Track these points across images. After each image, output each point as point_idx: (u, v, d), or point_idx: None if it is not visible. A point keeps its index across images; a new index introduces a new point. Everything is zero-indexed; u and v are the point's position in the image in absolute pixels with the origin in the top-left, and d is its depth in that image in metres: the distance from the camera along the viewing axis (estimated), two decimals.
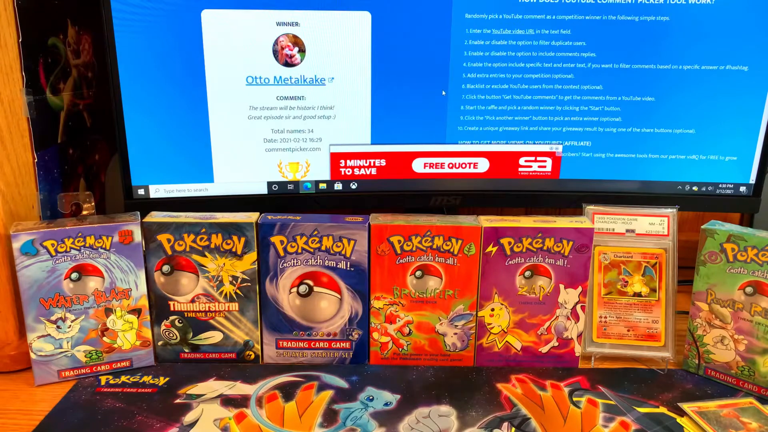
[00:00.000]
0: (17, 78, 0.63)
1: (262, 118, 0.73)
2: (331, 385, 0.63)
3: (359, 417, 0.58)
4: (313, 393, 0.62)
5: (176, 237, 0.64)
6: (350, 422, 0.57)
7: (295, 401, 0.60)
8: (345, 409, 0.59)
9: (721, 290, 0.65)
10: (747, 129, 0.75)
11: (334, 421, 0.57)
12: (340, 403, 0.60)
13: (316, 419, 0.57)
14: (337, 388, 0.63)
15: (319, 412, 0.58)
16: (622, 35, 0.72)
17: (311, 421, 0.57)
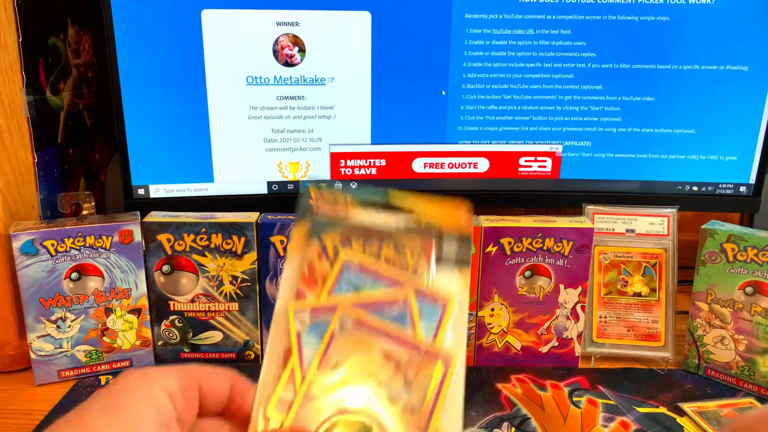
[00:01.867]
0: (17, 78, 0.63)
1: (262, 117, 0.73)
2: None
3: None
4: None
5: (176, 237, 0.64)
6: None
7: None
8: None
9: (721, 290, 0.65)
10: (747, 129, 0.75)
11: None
12: None
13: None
14: None
15: None
16: (622, 35, 0.72)
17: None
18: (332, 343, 0.34)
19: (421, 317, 0.35)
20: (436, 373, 0.34)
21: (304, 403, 0.33)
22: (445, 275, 0.37)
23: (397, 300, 0.36)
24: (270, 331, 0.34)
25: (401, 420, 0.33)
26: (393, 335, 0.35)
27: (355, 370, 0.34)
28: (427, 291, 0.36)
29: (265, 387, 0.33)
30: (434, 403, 0.34)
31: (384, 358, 0.34)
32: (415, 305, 0.36)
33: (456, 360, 0.34)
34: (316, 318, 0.35)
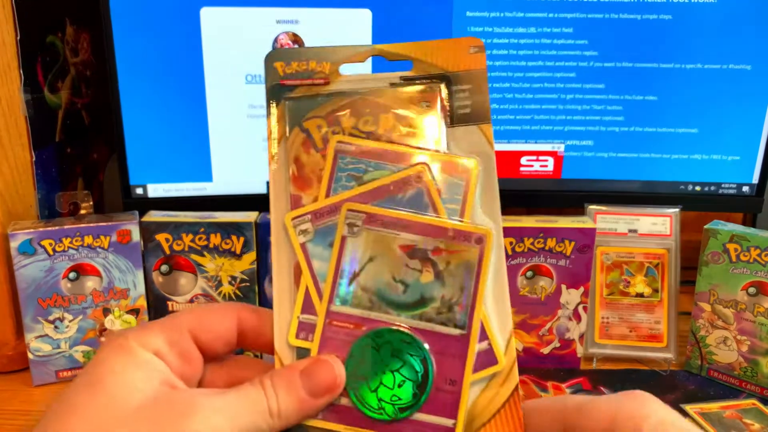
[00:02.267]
0: (15, 76, 0.63)
1: (262, 116, 0.72)
2: None
3: None
4: None
5: (175, 236, 0.63)
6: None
7: None
8: None
9: (723, 291, 0.64)
10: (750, 128, 0.74)
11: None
12: None
13: None
14: None
15: None
16: (625, 34, 0.71)
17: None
18: (344, 249, 0.29)
19: (442, 194, 0.30)
20: (470, 256, 0.29)
21: (328, 323, 0.29)
22: (464, 136, 0.30)
23: (409, 181, 0.29)
24: (272, 253, 0.30)
25: (439, 319, 0.29)
26: (412, 224, 0.29)
27: (376, 274, 0.29)
28: (442, 161, 0.30)
29: (282, 315, 0.29)
30: (474, 292, 0.29)
31: (407, 254, 0.29)
32: (431, 182, 0.30)
33: (491, 236, 0.29)
34: (320, 223, 0.29)
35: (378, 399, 0.29)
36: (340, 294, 0.29)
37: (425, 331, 0.29)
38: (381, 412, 0.29)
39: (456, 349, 0.29)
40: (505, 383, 0.29)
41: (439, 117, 0.30)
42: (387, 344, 0.29)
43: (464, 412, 0.28)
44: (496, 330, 0.29)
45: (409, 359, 0.29)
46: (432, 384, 0.29)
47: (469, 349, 0.29)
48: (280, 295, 0.30)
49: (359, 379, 0.29)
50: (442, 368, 0.29)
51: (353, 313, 0.29)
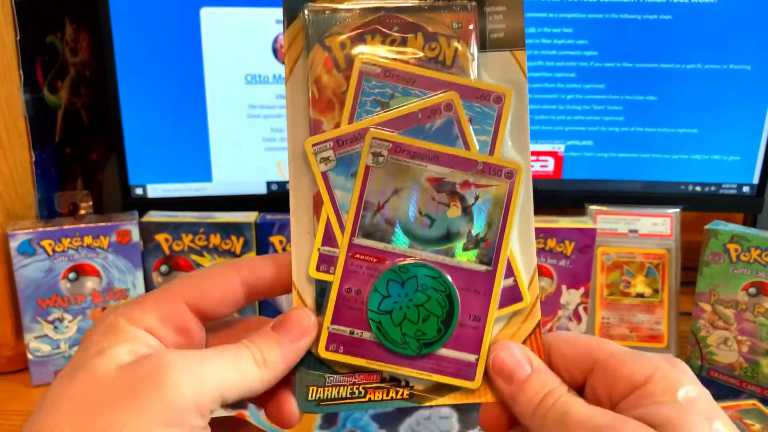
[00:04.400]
0: (15, 76, 0.63)
1: (261, 117, 0.72)
2: None
3: (359, 419, 0.57)
4: None
5: (174, 237, 0.63)
6: (350, 424, 0.57)
7: None
8: (345, 411, 0.59)
9: (724, 291, 0.64)
10: (750, 129, 0.74)
11: (334, 423, 0.57)
12: None
13: (315, 421, 0.57)
14: None
15: (319, 414, 0.58)
16: (625, 34, 0.71)
17: (311, 422, 0.57)
18: (368, 180, 0.28)
19: (473, 124, 0.29)
20: (499, 191, 0.28)
21: (350, 256, 0.28)
22: (496, 62, 0.29)
23: (438, 109, 0.28)
24: (289, 181, 0.28)
25: (466, 255, 0.28)
26: (440, 156, 0.28)
27: (402, 207, 0.28)
28: (475, 89, 0.28)
29: (301, 247, 0.28)
30: (502, 228, 0.28)
31: (435, 186, 0.28)
32: (462, 111, 0.28)
33: (522, 171, 0.29)
34: (342, 151, 0.28)
35: (402, 333, 0.28)
36: (364, 226, 0.28)
37: (451, 267, 0.28)
38: (405, 347, 0.28)
39: (481, 285, 0.28)
40: (527, 320, 0.29)
41: (471, 40, 0.28)
42: (412, 279, 0.28)
43: (487, 348, 0.28)
44: (521, 267, 0.29)
45: (434, 294, 0.28)
46: (456, 319, 0.28)
47: (494, 286, 0.28)
48: (298, 226, 0.28)
49: (383, 314, 0.28)
50: (467, 304, 0.28)
51: (377, 246, 0.28)
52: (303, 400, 0.29)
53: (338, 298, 0.28)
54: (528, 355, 0.28)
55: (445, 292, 0.28)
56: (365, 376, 0.28)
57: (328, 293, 0.28)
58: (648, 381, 0.25)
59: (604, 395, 0.26)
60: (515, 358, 0.28)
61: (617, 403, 0.26)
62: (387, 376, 0.28)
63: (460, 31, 0.28)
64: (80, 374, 0.24)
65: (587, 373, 0.27)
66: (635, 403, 0.25)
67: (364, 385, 0.28)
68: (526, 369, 0.27)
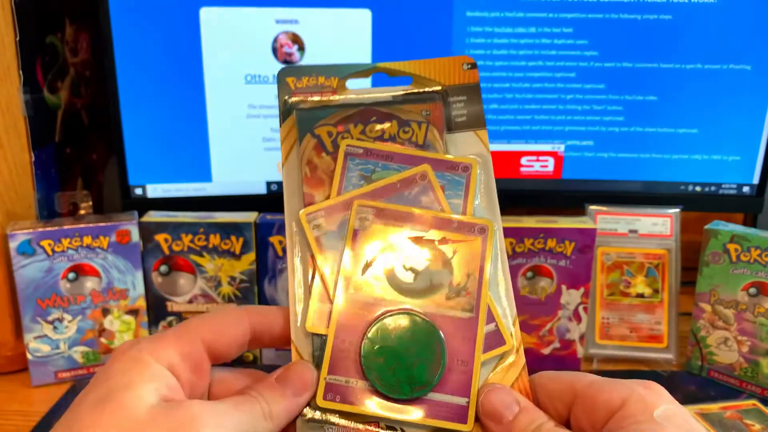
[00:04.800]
0: (15, 77, 0.63)
1: (261, 116, 0.72)
2: None
3: None
4: None
5: (174, 237, 0.63)
6: None
7: None
8: None
9: (724, 291, 0.64)
10: (750, 129, 0.74)
11: None
12: None
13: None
14: None
15: None
16: (625, 34, 0.71)
17: None
18: (357, 241, 0.31)
19: (445, 191, 0.32)
20: (474, 246, 0.31)
21: (343, 311, 0.30)
22: (461, 140, 0.33)
23: (414, 180, 0.32)
24: (287, 246, 0.31)
25: (449, 304, 0.31)
26: (419, 217, 0.31)
27: (388, 263, 0.31)
28: (445, 161, 0.32)
29: (297, 304, 0.31)
30: (480, 277, 0.31)
31: (416, 244, 0.31)
32: (435, 180, 0.32)
33: (492, 227, 0.31)
34: (332, 219, 0.31)
35: (395, 378, 0.30)
36: (355, 282, 0.31)
37: (436, 315, 0.31)
38: (398, 392, 0.30)
39: (466, 331, 0.30)
40: (513, 365, 0.30)
41: (439, 124, 0.33)
42: (402, 328, 0.30)
43: (476, 391, 0.30)
44: (501, 313, 0.31)
45: (423, 340, 0.30)
46: (445, 364, 0.30)
47: (478, 331, 0.30)
48: (295, 287, 0.31)
49: (375, 361, 0.30)
50: (454, 349, 0.30)
51: (368, 299, 0.31)
52: None
53: (334, 350, 0.30)
54: (515, 397, 0.29)
55: (434, 338, 0.30)
56: (364, 427, 0.30)
57: (324, 346, 0.30)
58: (624, 404, 0.26)
59: (587, 424, 0.28)
60: (504, 401, 0.29)
61: (600, 429, 0.27)
62: (384, 425, 0.30)
63: (429, 117, 0.33)
64: (110, 407, 0.26)
65: (570, 405, 0.29)
66: (616, 427, 0.26)
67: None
68: (514, 409, 0.29)
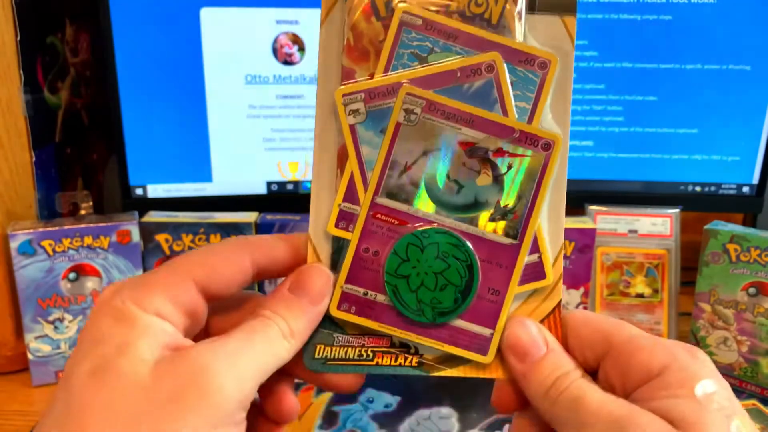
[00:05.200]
0: (15, 77, 0.63)
1: (262, 117, 0.72)
2: None
3: (359, 419, 0.57)
4: (313, 394, 0.61)
5: (174, 237, 0.63)
6: (350, 424, 0.57)
7: None
8: (345, 411, 0.59)
9: (724, 291, 0.64)
10: (750, 129, 0.74)
11: (333, 422, 0.57)
12: (340, 405, 0.60)
13: (315, 421, 0.57)
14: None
15: (318, 414, 0.58)
16: (625, 34, 0.71)
17: (310, 422, 0.57)
18: (398, 138, 0.27)
19: (513, 90, 0.27)
20: (534, 163, 0.28)
21: (371, 216, 0.27)
22: (544, 26, 0.27)
23: (479, 69, 0.26)
24: (315, 131, 0.28)
25: (491, 226, 0.27)
26: (476, 119, 0.27)
27: (430, 169, 0.27)
28: (519, 51, 0.27)
29: (321, 201, 0.28)
30: (533, 202, 0.28)
31: (467, 151, 0.27)
32: (504, 74, 0.27)
33: (559, 143, 0.28)
34: (373, 104, 0.27)
35: (418, 300, 0.27)
36: (388, 186, 0.27)
37: (475, 236, 0.27)
38: (419, 314, 0.27)
39: (505, 258, 0.27)
40: (547, 299, 0.28)
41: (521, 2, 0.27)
42: (433, 245, 0.27)
43: (503, 324, 0.27)
44: (548, 244, 0.28)
45: (454, 263, 0.27)
46: (475, 291, 0.27)
47: (518, 261, 0.27)
48: (320, 180, 0.28)
49: (399, 278, 0.27)
50: (488, 276, 0.27)
51: (400, 208, 0.27)
52: (309, 358, 0.28)
53: (355, 258, 0.27)
54: (544, 335, 0.27)
55: (466, 261, 0.27)
56: (375, 339, 0.27)
57: (344, 251, 0.27)
58: (664, 371, 0.24)
59: (617, 382, 0.25)
60: (531, 337, 0.26)
61: (631, 392, 0.24)
62: (397, 341, 0.28)
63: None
64: (108, 377, 0.22)
65: (602, 358, 0.26)
66: (650, 395, 0.23)
67: (373, 348, 0.28)
68: (542, 348, 0.26)
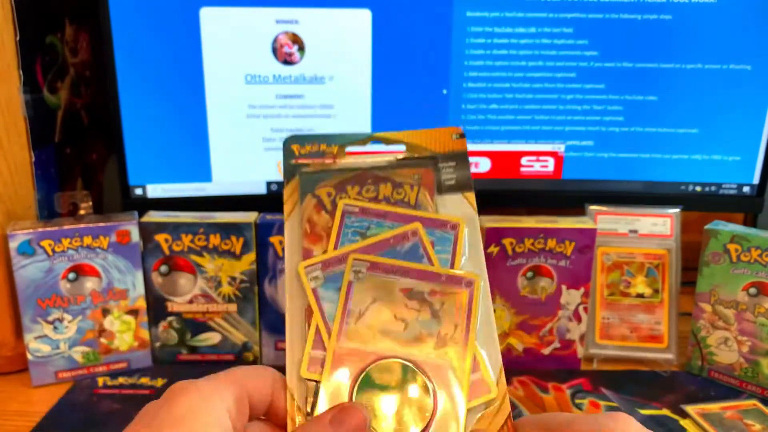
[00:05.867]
0: (14, 77, 0.63)
1: (261, 116, 0.72)
2: None
3: None
4: None
5: (174, 237, 0.63)
6: None
7: None
8: None
9: (724, 291, 0.64)
10: (751, 128, 0.74)
11: None
12: None
13: None
14: None
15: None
16: (625, 34, 0.71)
17: None
18: (351, 293, 0.34)
19: (435, 247, 0.35)
20: (461, 298, 0.34)
21: (335, 359, 0.32)
22: (450, 202, 0.36)
23: (406, 236, 0.35)
24: (286, 298, 0.34)
25: (437, 353, 0.33)
26: (410, 271, 0.34)
27: (380, 314, 0.33)
28: (435, 219, 0.35)
29: (294, 352, 0.32)
30: (467, 328, 0.33)
31: (406, 296, 0.34)
32: (425, 236, 0.35)
33: (479, 282, 0.34)
34: (329, 271, 0.34)
35: (385, 426, 0.31)
36: (348, 331, 0.33)
37: (425, 363, 0.33)
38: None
39: (453, 379, 0.32)
40: (498, 413, 0.32)
41: (430, 186, 0.36)
42: (391, 375, 0.32)
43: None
44: (487, 364, 0.33)
45: (414, 389, 0.32)
46: (434, 411, 0.32)
47: (464, 380, 0.32)
48: (292, 336, 0.33)
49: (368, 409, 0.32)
50: (442, 397, 0.32)
51: (360, 348, 0.33)
52: None
53: (327, 396, 0.31)
54: None
55: (422, 385, 0.32)
56: None
57: (318, 392, 0.32)
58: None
59: None
60: None
61: None
62: None
63: (421, 181, 0.36)
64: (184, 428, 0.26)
65: None
66: None
67: None
68: None
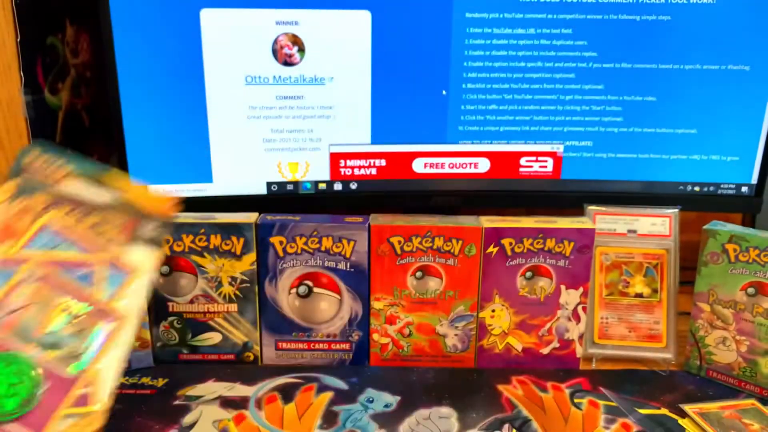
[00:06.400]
0: (15, 77, 0.63)
1: (262, 117, 0.73)
2: (330, 387, 0.63)
3: (359, 419, 0.58)
4: (313, 394, 0.61)
5: (175, 237, 0.63)
6: (350, 424, 0.57)
7: (294, 403, 0.60)
8: (345, 411, 0.59)
9: (722, 291, 0.64)
10: (749, 129, 0.75)
11: (333, 422, 0.57)
12: (340, 405, 0.60)
13: (315, 421, 0.57)
14: (337, 390, 0.62)
15: (318, 414, 0.58)
16: (624, 35, 0.72)
17: (311, 422, 0.57)
18: (16, 290, 0.40)
19: (105, 281, 0.41)
20: (103, 328, 0.40)
21: None
22: (138, 252, 0.43)
23: (87, 263, 0.41)
24: None
25: (61, 361, 0.39)
26: (74, 290, 0.40)
27: (33, 315, 0.40)
28: (117, 261, 0.42)
29: None
30: (97, 353, 0.40)
31: (62, 309, 0.40)
32: (102, 270, 0.42)
33: (127, 322, 0.41)
34: (4, 268, 0.41)
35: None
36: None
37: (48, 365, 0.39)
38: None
39: (63, 385, 0.38)
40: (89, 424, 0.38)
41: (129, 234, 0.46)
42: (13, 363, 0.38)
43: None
44: (100, 386, 0.39)
45: (26, 380, 0.38)
46: (35, 405, 0.38)
47: (73, 388, 0.38)
48: None
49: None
50: (53, 396, 0.38)
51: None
52: None
53: None
54: None
55: (35, 380, 0.38)
56: None
57: None
58: None
59: None
60: None
61: None
62: None
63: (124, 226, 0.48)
64: None
65: None
66: None
67: None
68: None
